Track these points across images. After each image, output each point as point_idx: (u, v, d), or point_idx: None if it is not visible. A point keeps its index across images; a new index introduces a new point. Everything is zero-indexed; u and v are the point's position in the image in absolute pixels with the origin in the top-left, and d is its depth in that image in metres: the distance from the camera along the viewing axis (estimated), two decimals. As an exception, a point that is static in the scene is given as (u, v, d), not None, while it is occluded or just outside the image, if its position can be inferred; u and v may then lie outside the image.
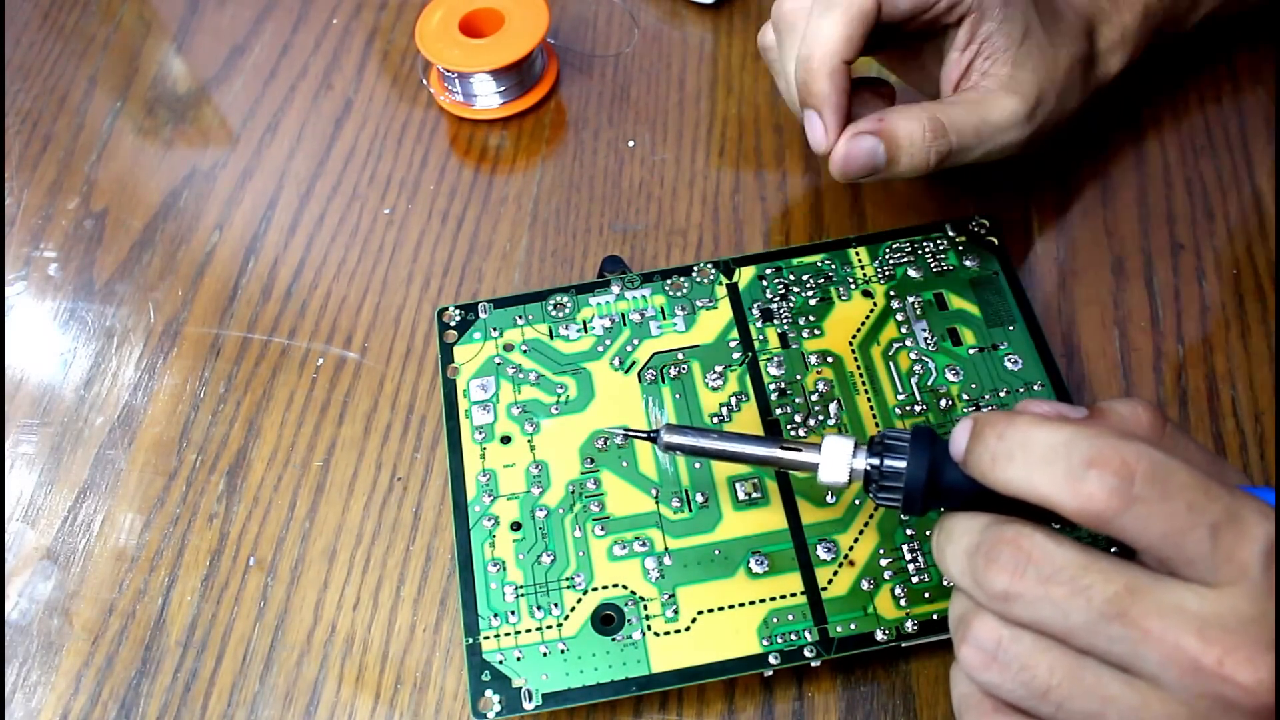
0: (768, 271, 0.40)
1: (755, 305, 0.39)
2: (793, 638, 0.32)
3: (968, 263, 0.39)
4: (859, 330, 0.38)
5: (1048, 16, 0.37)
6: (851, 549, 0.34)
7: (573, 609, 0.33)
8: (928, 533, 0.34)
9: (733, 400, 0.37)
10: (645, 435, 0.32)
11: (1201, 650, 0.22)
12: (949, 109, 0.36)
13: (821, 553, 0.34)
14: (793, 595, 0.33)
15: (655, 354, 0.38)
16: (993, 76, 0.36)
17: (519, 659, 0.32)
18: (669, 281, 0.40)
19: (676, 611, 0.33)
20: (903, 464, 0.27)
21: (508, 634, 0.33)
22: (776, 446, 0.30)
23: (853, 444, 0.29)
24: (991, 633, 0.25)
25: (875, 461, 0.28)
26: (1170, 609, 0.23)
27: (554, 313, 0.39)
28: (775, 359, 0.38)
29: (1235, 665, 0.22)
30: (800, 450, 0.30)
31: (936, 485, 0.27)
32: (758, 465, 0.32)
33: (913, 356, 0.37)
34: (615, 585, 0.34)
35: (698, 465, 0.35)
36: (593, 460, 0.36)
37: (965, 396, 0.36)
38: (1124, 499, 0.23)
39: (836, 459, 0.29)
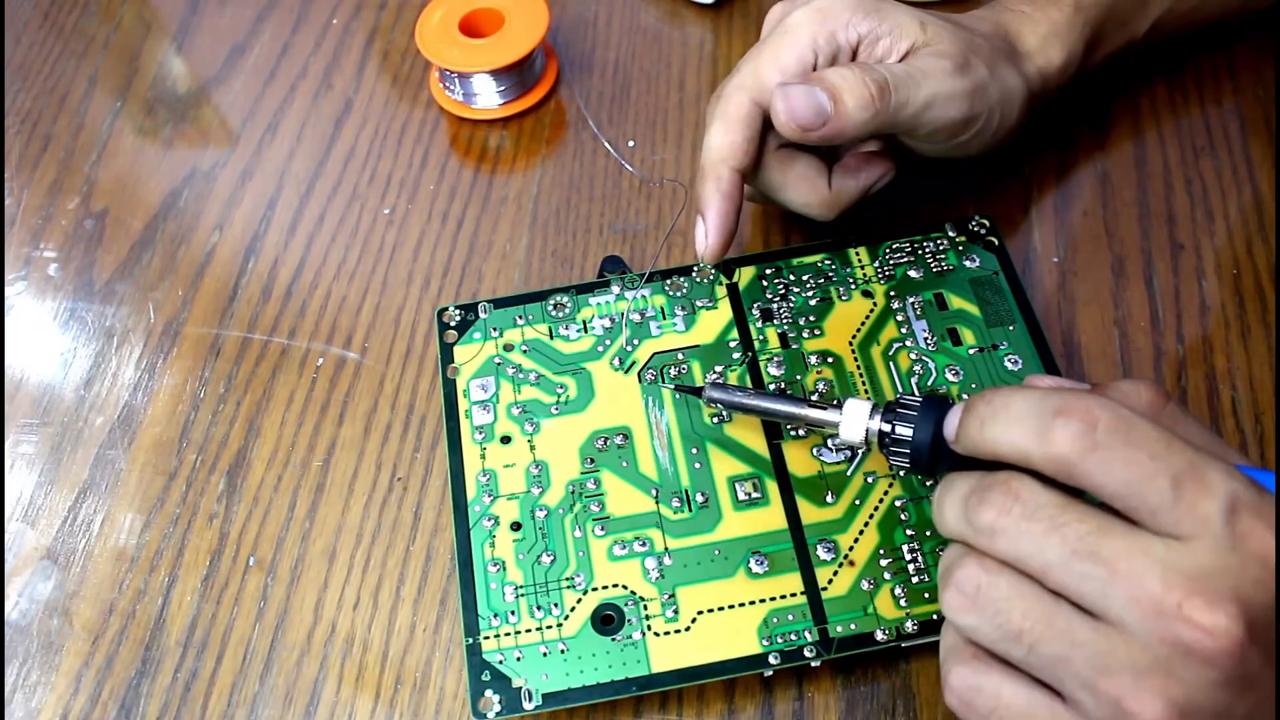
0: (768, 271, 0.40)
1: (755, 305, 0.39)
2: (793, 638, 0.32)
3: (968, 263, 0.39)
4: (859, 330, 0.38)
5: (947, 17, 0.38)
6: (851, 549, 0.34)
7: (573, 609, 0.33)
8: (928, 533, 0.34)
9: (733, 400, 0.37)
10: (693, 390, 0.36)
11: (1164, 593, 0.23)
12: (884, 67, 0.35)
13: (821, 553, 0.34)
14: (793, 595, 0.33)
15: (655, 354, 0.38)
16: (912, 57, 0.36)
17: (519, 659, 0.32)
18: (669, 281, 0.40)
19: (676, 611, 0.33)
20: (911, 427, 0.30)
21: (508, 634, 0.33)
22: (803, 405, 0.34)
23: (869, 406, 0.32)
24: (972, 577, 0.26)
25: (888, 423, 0.31)
26: (1138, 551, 0.24)
27: (554, 313, 0.39)
28: (775, 359, 0.38)
29: (1194, 609, 0.23)
30: (824, 410, 0.33)
31: (943, 448, 0.29)
32: (785, 421, 0.35)
33: (913, 356, 0.37)
34: (615, 585, 0.34)
35: (697, 465, 0.35)
36: (593, 460, 0.36)
37: (965, 396, 0.36)
38: (1087, 443, 0.24)
39: (855, 420, 0.32)
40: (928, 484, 0.35)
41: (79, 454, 0.40)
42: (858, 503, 0.34)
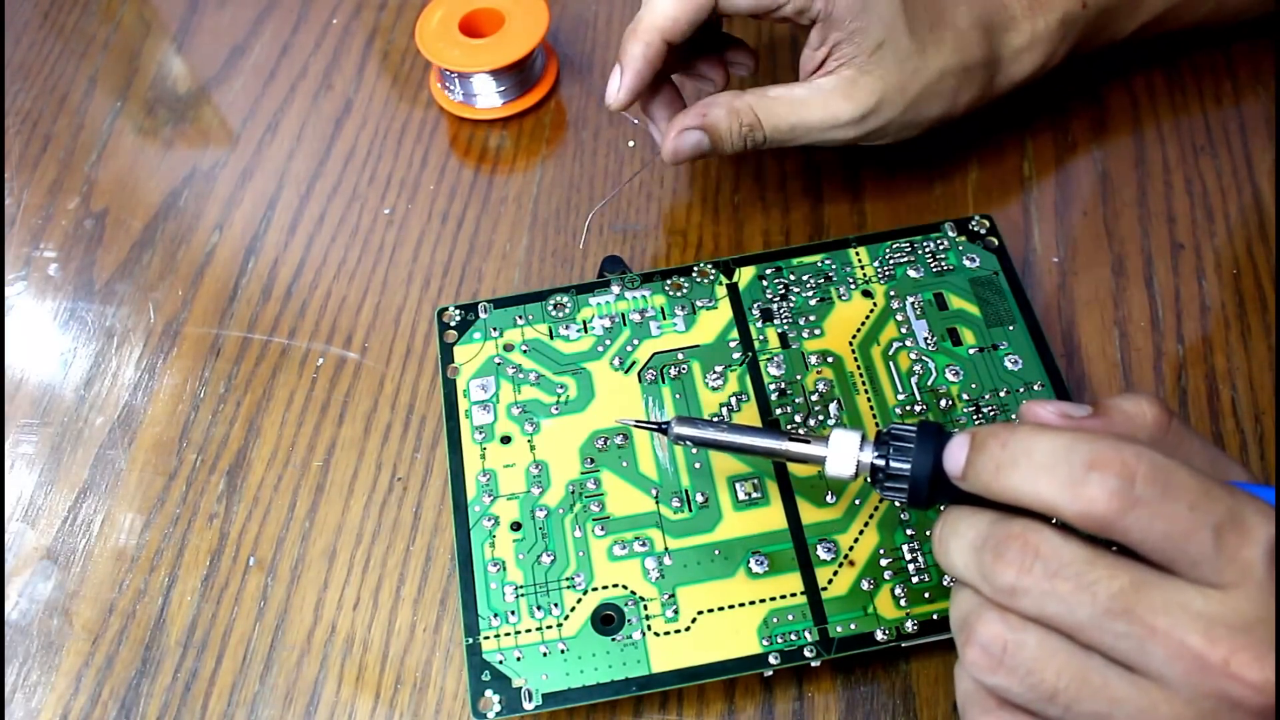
0: (768, 271, 0.40)
1: (755, 305, 0.39)
2: (793, 638, 0.32)
3: (968, 263, 0.39)
4: (859, 330, 0.38)
5: (925, 25, 0.37)
6: (851, 549, 0.34)
7: (573, 609, 0.33)
8: (928, 532, 0.34)
9: (733, 400, 0.37)
10: (655, 426, 0.33)
11: (1207, 649, 0.23)
12: (770, 104, 0.38)
13: (821, 553, 0.34)
14: (793, 595, 0.33)
15: (655, 354, 0.38)
16: (837, 76, 0.38)
17: (519, 659, 0.32)
18: (669, 281, 0.40)
19: (676, 611, 0.33)
20: (908, 460, 0.27)
21: (508, 634, 0.33)
22: (785, 439, 0.31)
23: (859, 437, 0.29)
24: (997, 635, 0.25)
25: (881, 456, 0.28)
26: (1176, 607, 0.23)
27: (554, 313, 0.39)
28: (775, 359, 0.38)
29: (1242, 664, 0.22)
30: (808, 443, 0.30)
31: (942, 480, 0.27)
32: (765, 457, 0.32)
33: (913, 356, 0.37)
34: (615, 585, 0.34)
35: (697, 465, 0.35)
36: (593, 460, 0.36)
37: (965, 396, 0.36)
38: (1125, 501, 0.23)
39: (844, 453, 0.29)
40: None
41: (79, 454, 0.40)
42: (858, 502, 0.34)
